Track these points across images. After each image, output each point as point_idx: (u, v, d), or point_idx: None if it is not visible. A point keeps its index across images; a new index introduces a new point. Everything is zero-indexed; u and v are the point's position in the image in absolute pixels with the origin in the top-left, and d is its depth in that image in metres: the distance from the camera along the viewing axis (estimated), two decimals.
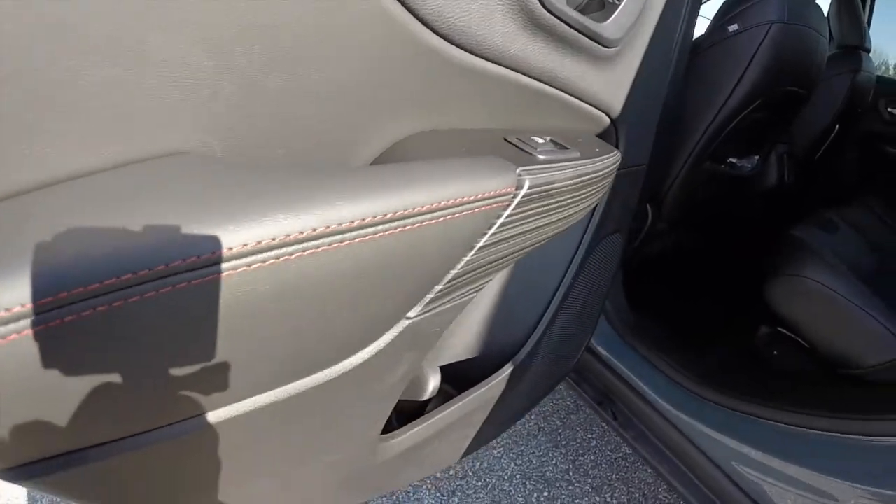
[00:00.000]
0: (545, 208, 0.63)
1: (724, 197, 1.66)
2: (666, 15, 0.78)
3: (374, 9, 0.43)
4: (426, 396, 0.78)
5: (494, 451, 1.80)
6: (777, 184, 1.88)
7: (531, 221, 0.62)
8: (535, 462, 1.78)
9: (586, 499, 1.70)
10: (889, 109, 2.55)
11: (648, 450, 1.28)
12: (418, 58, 0.49)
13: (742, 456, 1.13)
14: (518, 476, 1.74)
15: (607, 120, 0.81)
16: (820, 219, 1.64)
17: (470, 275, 0.58)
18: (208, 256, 0.33)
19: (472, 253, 0.55)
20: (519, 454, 1.80)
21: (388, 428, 0.76)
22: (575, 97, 0.70)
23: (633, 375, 1.29)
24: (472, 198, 0.49)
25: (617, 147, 0.85)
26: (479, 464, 1.76)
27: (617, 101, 0.78)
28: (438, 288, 0.55)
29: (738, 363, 1.43)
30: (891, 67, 3.19)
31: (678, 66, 1.10)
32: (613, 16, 0.66)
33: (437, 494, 1.66)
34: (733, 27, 1.26)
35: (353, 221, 0.39)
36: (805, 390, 1.22)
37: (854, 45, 2.17)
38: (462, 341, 0.89)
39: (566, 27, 0.59)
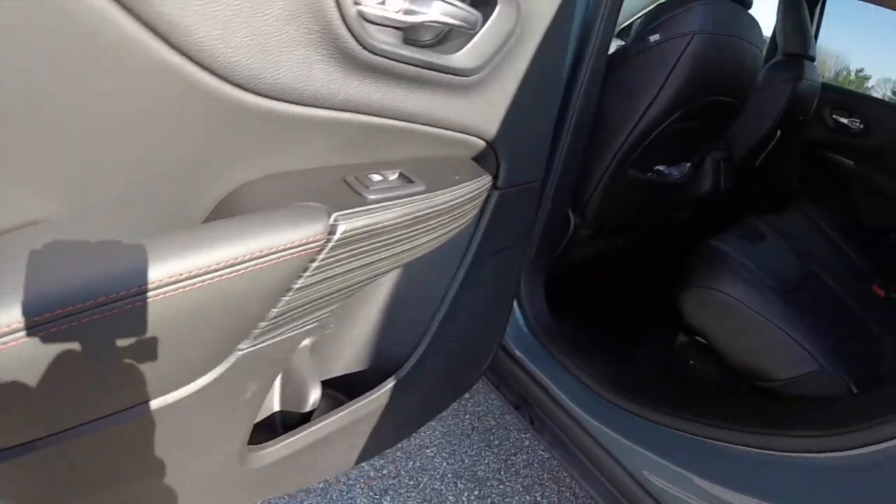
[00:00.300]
0: (373, 246, 0.66)
1: (652, 204, 1.68)
2: (554, 31, 0.79)
3: (190, 81, 0.47)
4: (307, 409, 0.82)
5: (427, 451, 1.80)
6: (712, 190, 1.90)
7: (358, 259, 0.65)
8: (467, 461, 1.79)
9: (517, 498, 1.71)
10: (834, 117, 2.60)
11: (563, 454, 1.30)
12: (239, 117, 0.52)
13: (652, 464, 1.15)
14: (450, 475, 1.74)
15: (482, 143, 0.81)
16: (746, 227, 1.66)
17: (298, 310, 0.64)
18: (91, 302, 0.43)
19: (292, 294, 0.60)
20: (451, 453, 1.81)
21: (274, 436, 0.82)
22: (434, 127, 0.71)
23: (549, 380, 1.30)
24: (276, 249, 0.53)
25: (497, 169, 0.86)
26: (411, 463, 1.76)
27: (490, 125, 0.79)
28: (264, 324, 0.61)
29: (654, 371, 1.46)
30: (852, 72, 3.25)
31: (593, 76, 1.11)
32: (468, 45, 0.67)
33: (370, 493, 1.67)
34: (655, 37, 1.27)
35: (171, 277, 0.47)
36: (716, 401, 1.23)
37: (797, 53, 2.20)
38: (350, 354, 0.91)
39: (401, 65, 0.61)
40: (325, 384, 0.92)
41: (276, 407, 0.85)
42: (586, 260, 1.63)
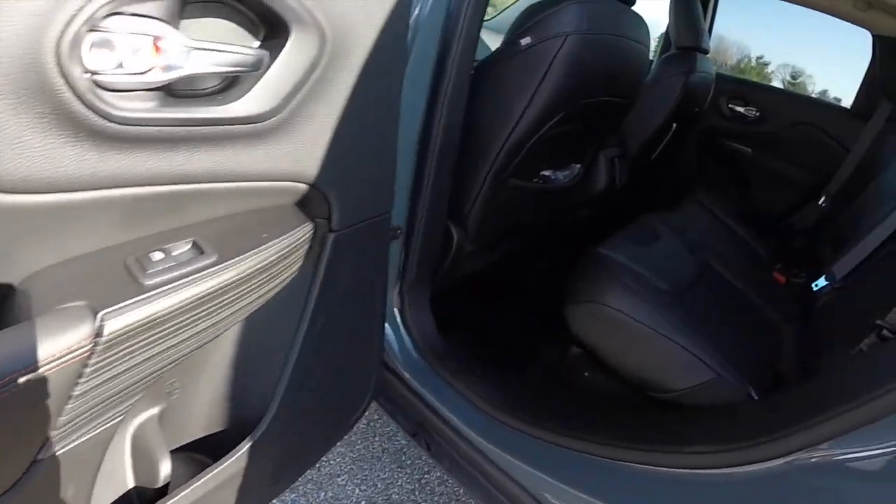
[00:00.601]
0: (161, 334, 0.60)
1: (541, 210, 1.64)
2: (380, 52, 0.72)
3: None
4: (160, 483, 0.76)
5: (339, 479, 1.72)
6: (607, 188, 1.89)
7: (146, 350, 0.60)
8: (380, 485, 1.72)
9: None
10: (730, 106, 2.65)
11: (463, 479, 1.24)
12: None
13: (552, 487, 1.10)
14: (364, 502, 1.67)
15: (303, 187, 0.74)
16: (639, 228, 1.64)
17: (94, 409, 0.60)
18: None
19: (74, 401, 0.55)
20: (363, 479, 1.73)
21: None
22: (235, 181, 0.64)
23: (441, 403, 1.24)
24: (37, 364, 0.49)
25: (330, 210, 0.80)
26: (323, 494, 1.68)
27: (307, 167, 0.72)
28: (56, 433, 0.57)
29: (547, 387, 1.41)
30: (753, 60, 3.34)
31: (457, 87, 1.05)
32: (254, 89, 0.60)
33: None
34: (526, 40, 1.22)
35: None
36: (613, 417, 1.19)
37: (689, 46, 2.22)
38: (205, 415, 0.86)
39: (167, 128, 0.54)
40: (189, 447, 0.87)
41: (131, 483, 0.78)
42: (475, 273, 1.58)
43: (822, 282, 1.55)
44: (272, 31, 0.61)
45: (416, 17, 1.01)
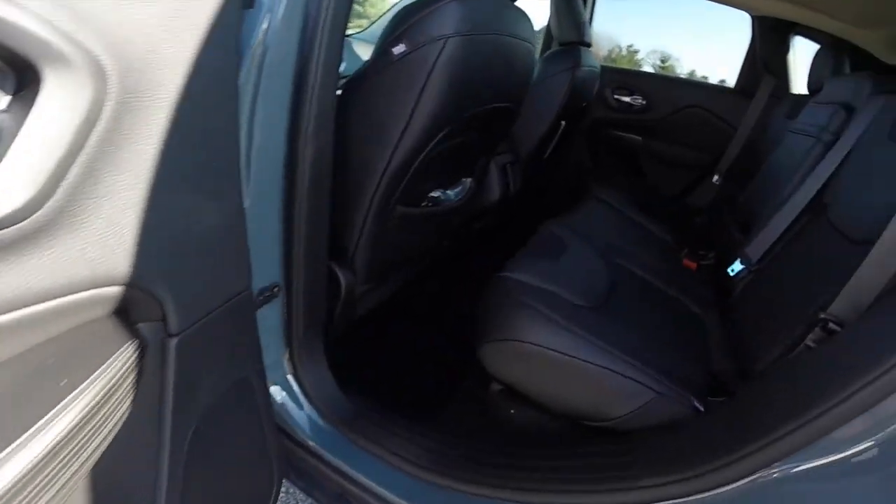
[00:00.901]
0: None
1: (433, 234, 1.49)
2: (200, 85, 0.54)
3: None
4: None
5: None
6: (502, 198, 1.79)
7: None
8: None
9: None
10: (616, 97, 2.66)
11: None
12: None
13: None
14: None
15: (115, 290, 0.55)
16: (543, 240, 1.53)
17: None
18: None
19: None
20: None
21: None
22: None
23: (359, 472, 1.07)
24: None
25: (163, 312, 0.62)
26: None
27: (113, 264, 0.53)
28: None
29: (472, 433, 1.27)
30: (623, 49, 3.37)
31: (320, 116, 0.89)
32: None
33: None
34: (399, 49, 1.06)
35: None
36: (556, 454, 1.07)
37: (572, 41, 2.16)
38: None
39: None
40: None
41: None
42: (371, 313, 1.41)
43: (737, 266, 1.51)
44: (20, 80, 0.42)
45: (264, 31, 0.83)
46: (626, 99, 2.63)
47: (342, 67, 1.44)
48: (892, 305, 0.89)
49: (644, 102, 2.61)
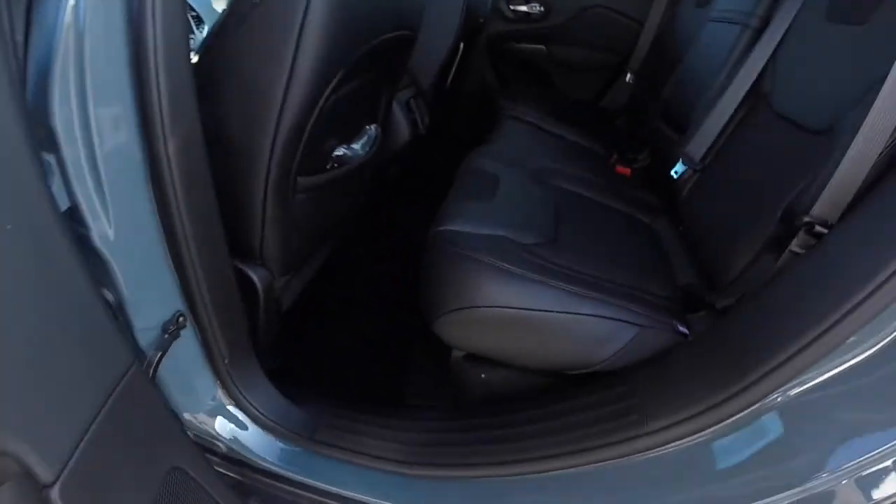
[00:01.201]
0: None
1: (347, 198, 1.30)
2: None
3: None
4: None
5: None
6: (412, 137, 1.62)
7: None
8: None
9: None
10: (512, 7, 2.50)
11: None
12: None
13: None
14: None
15: None
16: (470, 179, 1.37)
17: None
18: None
19: None
20: None
21: None
22: None
23: (335, 485, 0.93)
24: None
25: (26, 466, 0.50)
26: None
27: None
28: None
29: (443, 409, 1.14)
30: None
31: (174, 90, 0.69)
32: None
33: None
34: None
35: None
36: (543, 413, 0.95)
37: None
38: None
39: None
40: None
41: None
42: (299, 306, 1.23)
43: (680, 167, 1.40)
44: None
45: (71, 9, 0.61)
46: (523, 8, 2.46)
47: (198, 32, 1.18)
48: (880, 202, 0.81)
49: (542, 9, 2.46)
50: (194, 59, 0.87)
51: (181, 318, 0.80)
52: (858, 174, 0.83)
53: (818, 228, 0.84)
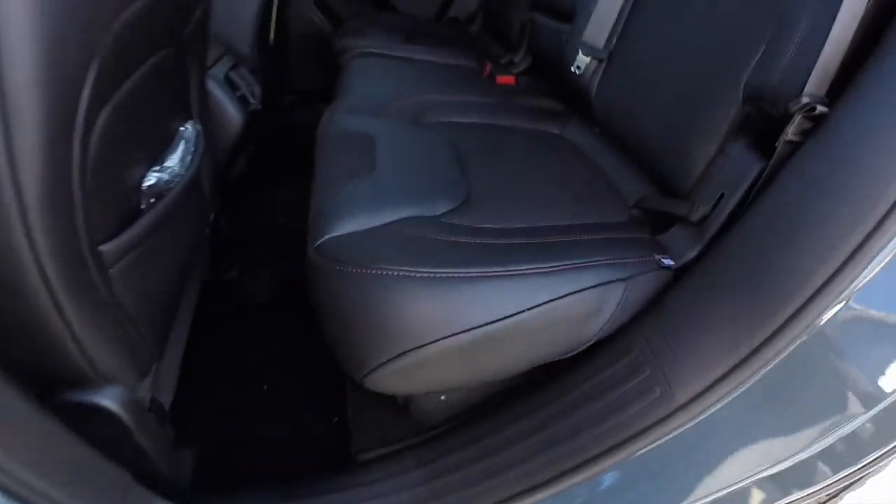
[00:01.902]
0: None
1: (187, 233, 0.93)
2: None
3: None
4: None
5: None
6: (247, 117, 1.30)
7: None
8: None
9: None
10: None
11: None
12: None
13: None
14: None
15: None
16: (337, 153, 1.04)
17: None
18: None
19: None
20: None
21: None
22: None
23: None
24: None
25: None
26: None
27: None
28: None
29: (404, 465, 0.86)
30: None
31: None
32: None
33: None
34: None
35: None
36: (542, 414, 0.75)
37: None
38: None
39: None
40: None
41: None
42: (197, 387, 0.91)
43: (582, 59, 1.16)
44: None
45: None
46: None
47: None
48: (878, 76, 0.64)
49: None
50: None
51: None
52: (846, 33, 0.67)
53: (820, 109, 0.66)
